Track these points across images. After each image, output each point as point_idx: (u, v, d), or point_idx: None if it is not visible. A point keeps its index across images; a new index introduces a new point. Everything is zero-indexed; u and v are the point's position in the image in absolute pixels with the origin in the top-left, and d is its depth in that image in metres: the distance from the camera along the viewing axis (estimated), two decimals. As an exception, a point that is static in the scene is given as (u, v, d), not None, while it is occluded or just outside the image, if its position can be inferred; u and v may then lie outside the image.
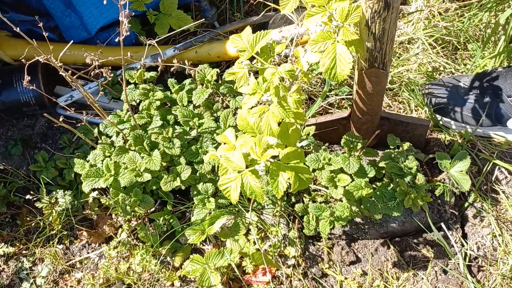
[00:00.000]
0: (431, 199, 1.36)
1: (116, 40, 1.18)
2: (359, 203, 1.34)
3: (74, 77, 1.19)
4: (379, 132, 1.36)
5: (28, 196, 1.42)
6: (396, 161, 1.35)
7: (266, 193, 1.40)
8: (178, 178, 1.36)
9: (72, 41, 1.29)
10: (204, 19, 1.75)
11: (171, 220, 1.43)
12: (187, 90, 1.53)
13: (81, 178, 1.38)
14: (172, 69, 1.49)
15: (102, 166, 1.38)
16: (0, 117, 1.68)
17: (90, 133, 1.51)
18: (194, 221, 1.36)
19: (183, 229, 1.36)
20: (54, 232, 1.47)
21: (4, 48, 1.69)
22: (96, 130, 1.52)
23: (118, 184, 1.36)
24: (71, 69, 1.27)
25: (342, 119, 1.42)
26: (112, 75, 1.41)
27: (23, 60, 1.11)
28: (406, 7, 1.87)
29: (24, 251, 1.47)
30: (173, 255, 1.41)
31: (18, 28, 1.08)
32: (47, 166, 1.51)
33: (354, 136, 1.36)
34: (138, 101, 1.51)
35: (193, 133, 1.46)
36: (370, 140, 1.37)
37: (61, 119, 1.22)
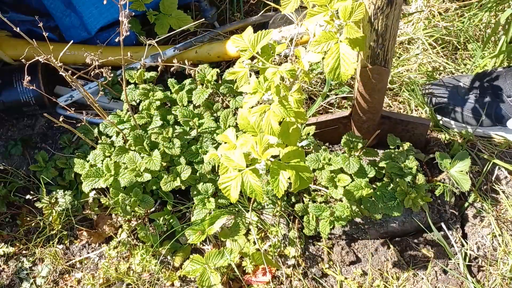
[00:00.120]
0: (431, 199, 1.36)
1: (116, 40, 1.18)
2: (359, 203, 1.34)
3: (74, 77, 1.19)
4: (380, 131, 1.36)
5: (28, 196, 1.42)
6: (396, 161, 1.35)
7: (266, 193, 1.40)
8: (178, 178, 1.36)
9: (72, 41, 1.29)
10: (204, 19, 1.75)
11: (171, 220, 1.43)
12: (187, 90, 1.52)
13: (81, 178, 1.38)
14: (172, 69, 1.49)
15: (102, 166, 1.37)
16: (0, 117, 1.68)
17: (90, 133, 1.51)
18: (194, 221, 1.36)
19: (183, 229, 1.36)
20: (54, 232, 1.47)
21: (4, 48, 1.69)
22: (96, 130, 1.52)
23: (118, 184, 1.36)
24: (71, 69, 1.27)
25: (343, 118, 1.42)
26: (112, 75, 1.41)
27: (23, 60, 1.11)
28: (406, 7, 1.87)
29: (24, 251, 1.47)
30: (173, 255, 1.41)
31: (18, 28, 1.08)
32: (47, 166, 1.51)
33: (354, 136, 1.36)
34: (138, 101, 1.51)
35: (193, 133, 1.46)
36: (371, 140, 1.37)
37: (61, 119, 1.22)
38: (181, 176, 1.36)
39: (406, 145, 1.38)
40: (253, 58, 1.02)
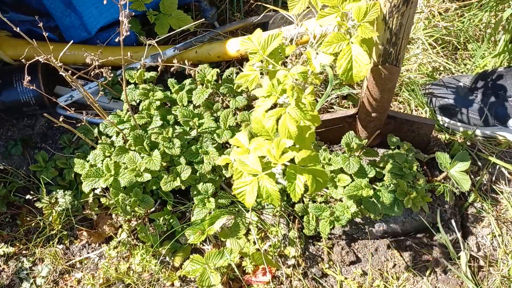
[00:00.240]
0: (431, 199, 1.36)
1: (116, 40, 1.18)
2: (359, 203, 1.34)
3: (74, 77, 1.19)
4: (385, 131, 1.34)
5: (28, 196, 1.42)
6: (396, 161, 1.35)
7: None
8: (178, 178, 1.36)
9: (72, 41, 1.29)
10: (204, 19, 1.75)
11: (171, 220, 1.43)
12: (187, 90, 1.52)
13: (81, 178, 1.38)
14: (172, 69, 1.49)
15: (102, 166, 1.38)
16: (0, 117, 1.68)
17: (90, 133, 1.51)
18: (194, 221, 1.36)
19: (183, 229, 1.36)
20: (54, 232, 1.47)
21: (4, 48, 1.69)
22: (96, 130, 1.52)
23: (118, 184, 1.36)
24: (71, 69, 1.27)
25: (348, 117, 1.41)
26: (112, 75, 1.41)
27: (23, 60, 1.11)
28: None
29: (24, 251, 1.47)
30: (173, 255, 1.41)
31: (18, 28, 1.08)
32: (47, 166, 1.51)
33: (355, 136, 1.36)
34: (138, 101, 1.51)
35: (193, 133, 1.46)
36: (372, 139, 1.36)
37: (61, 119, 1.22)
38: (181, 176, 1.36)
39: (406, 145, 1.38)
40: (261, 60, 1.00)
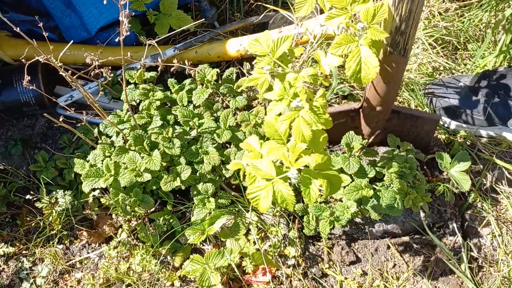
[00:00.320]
0: (431, 199, 1.36)
1: (116, 40, 1.18)
2: (359, 203, 1.34)
3: (74, 77, 1.19)
4: (388, 127, 1.31)
5: (28, 196, 1.42)
6: (396, 161, 1.35)
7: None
8: (178, 178, 1.36)
9: (72, 41, 1.29)
10: (204, 19, 1.75)
11: (171, 220, 1.43)
12: (187, 90, 1.52)
13: (81, 178, 1.38)
14: (172, 69, 1.49)
15: (102, 166, 1.38)
16: (0, 117, 1.68)
17: (90, 133, 1.51)
18: (194, 221, 1.36)
19: (183, 229, 1.36)
20: (54, 232, 1.47)
21: (4, 48, 1.69)
22: (96, 130, 1.52)
23: (118, 184, 1.36)
24: (71, 69, 1.27)
25: (352, 111, 1.37)
26: (112, 75, 1.41)
27: (23, 60, 1.11)
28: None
29: (24, 251, 1.47)
30: (173, 255, 1.41)
31: (18, 28, 1.08)
32: (47, 166, 1.51)
33: (354, 136, 1.36)
34: (138, 101, 1.51)
35: (193, 133, 1.46)
36: (372, 138, 1.36)
37: (61, 119, 1.22)
38: (181, 176, 1.36)
39: (407, 145, 1.38)
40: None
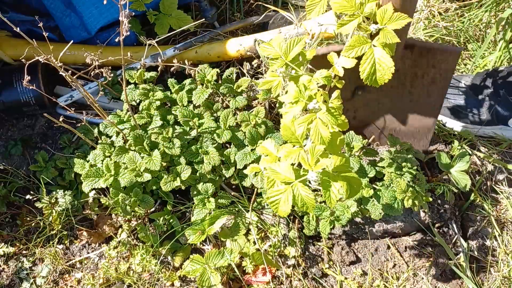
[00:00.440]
0: (431, 199, 1.36)
1: (116, 40, 1.18)
2: (359, 203, 1.34)
3: (74, 77, 1.19)
4: (400, 68, 1.18)
5: (28, 196, 1.42)
6: (396, 161, 1.35)
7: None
8: (178, 178, 1.36)
9: (72, 41, 1.29)
10: (204, 19, 1.75)
11: (171, 220, 1.43)
12: (187, 90, 1.52)
13: (81, 178, 1.38)
14: (172, 69, 1.49)
15: (102, 166, 1.37)
16: (0, 117, 1.68)
17: (90, 133, 1.51)
18: (194, 221, 1.36)
19: (183, 229, 1.36)
20: (54, 232, 1.47)
21: (4, 48, 1.69)
22: (96, 130, 1.52)
23: (118, 184, 1.36)
24: (71, 69, 1.27)
25: None
26: (112, 75, 1.41)
27: (23, 60, 1.11)
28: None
29: (24, 251, 1.47)
30: (173, 255, 1.41)
31: (18, 28, 1.08)
32: (47, 166, 1.51)
33: (354, 136, 1.36)
34: (138, 101, 1.51)
35: (193, 133, 1.46)
36: (372, 138, 1.36)
37: (61, 119, 1.22)
38: (181, 176, 1.36)
39: (406, 145, 1.38)
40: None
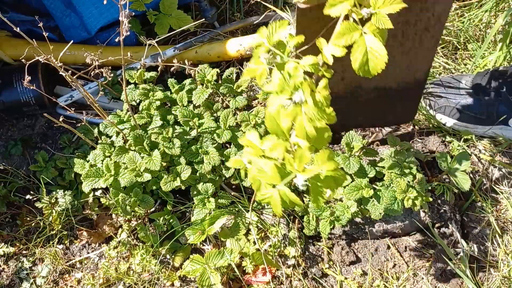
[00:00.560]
0: (431, 199, 1.36)
1: (116, 40, 1.18)
2: (359, 203, 1.34)
3: (74, 77, 1.19)
4: (393, 14, 1.10)
5: (28, 196, 1.42)
6: (396, 161, 1.35)
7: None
8: (178, 178, 1.36)
9: (72, 41, 1.29)
10: (204, 19, 1.75)
11: (171, 220, 1.43)
12: (187, 90, 1.52)
13: (81, 178, 1.38)
14: (172, 69, 1.49)
15: (102, 166, 1.37)
16: (0, 117, 1.68)
17: (90, 133, 1.51)
18: (194, 221, 1.36)
19: (183, 229, 1.36)
20: (54, 232, 1.47)
21: (4, 48, 1.69)
22: (96, 130, 1.51)
23: (118, 184, 1.36)
24: (71, 69, 1.27)
25: None
26: (112, 75, 1.41)
27: (23, 60, 1.11)
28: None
29: (24, 251, 1.47)
30: (173, 255, 1.41)
31: (18, 28, 1.08)
32: (47, 166, 1.51)
33: (355, 136, 1.36)
34: (138, 101, 1.51)
35: (193, 133, 1.46)
36: (373, 137, 1.36)
37: (61, 119, 1.22)
38: (181, 176, 1.36)
39: (406, 145, 1.38)
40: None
